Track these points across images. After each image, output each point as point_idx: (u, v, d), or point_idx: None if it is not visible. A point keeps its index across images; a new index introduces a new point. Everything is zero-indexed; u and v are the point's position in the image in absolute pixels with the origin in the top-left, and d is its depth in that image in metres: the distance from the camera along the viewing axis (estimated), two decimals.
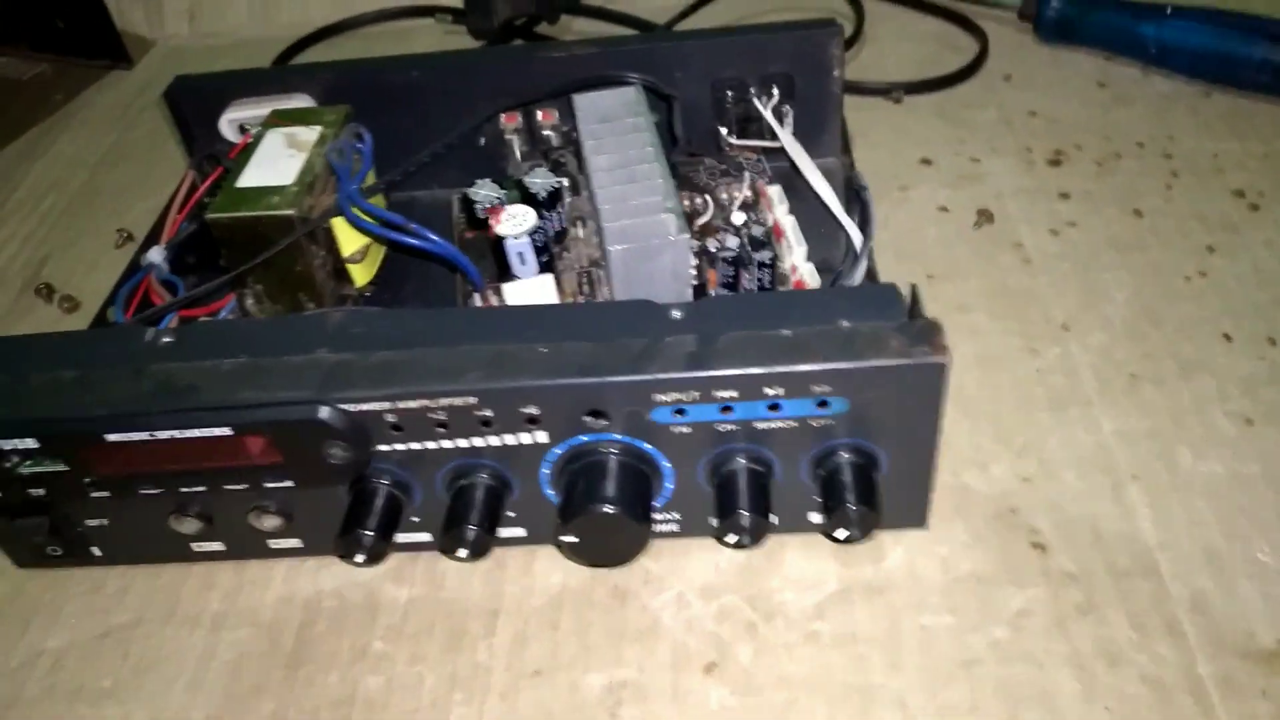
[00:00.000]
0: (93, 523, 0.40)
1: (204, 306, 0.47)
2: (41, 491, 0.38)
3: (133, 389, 0.36)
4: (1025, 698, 0.34)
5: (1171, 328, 0.46)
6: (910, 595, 0.37)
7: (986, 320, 0.47)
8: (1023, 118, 0.60)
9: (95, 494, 0.38)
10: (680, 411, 0.34)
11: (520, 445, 0.36)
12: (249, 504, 0.38)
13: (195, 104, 0.54)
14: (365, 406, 0.35)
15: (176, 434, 0.35)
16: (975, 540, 0.38)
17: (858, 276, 0.43)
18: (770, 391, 0.34)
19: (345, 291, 0.48)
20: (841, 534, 0.35)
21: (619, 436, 0.36)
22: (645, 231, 0.42)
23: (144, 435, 0.35)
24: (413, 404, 0.35)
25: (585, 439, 0.36)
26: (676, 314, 0.36)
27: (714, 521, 0.36)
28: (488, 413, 0.35)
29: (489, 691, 0.36)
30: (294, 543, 0.40)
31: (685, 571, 0.38)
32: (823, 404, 0.34)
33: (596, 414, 0.35)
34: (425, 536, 0.39)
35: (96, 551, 0.41)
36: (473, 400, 0.34)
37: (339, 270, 0.47)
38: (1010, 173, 0.56)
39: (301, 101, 0.53)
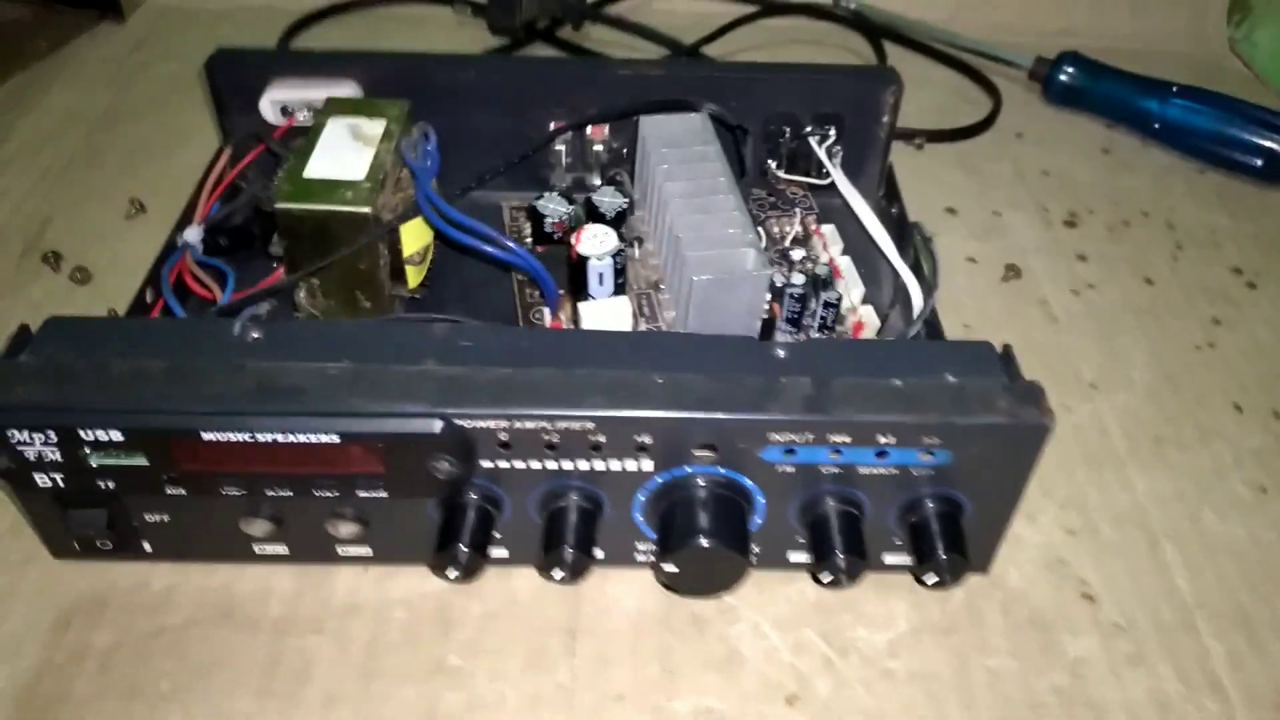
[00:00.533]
0: (152, 518, 0.38)
1: (248, 288, 0.46)
2: (110, 484, 0.36)
3: (232, 386, 0.35)
4: None
5: (1188, 394, 0.49)
6: (975, 637, 0.39)
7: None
8: (1036, 176, 0.63)
9: (171, 491, 0.36)
10: (790, 451, 0.35)
11: (623, 471, 0.36)
12: (329, 510, 0.38)
13: (233, 78, 0.52)
14: (481, 424, 0.35)
15: (279, 437, 0.34)
16: (1030, 587, 0.41)
17: (918, 324, 0.45)
18: (883, 439, 0.35)
19: (398, 291, 0.47)
20: (931, 579, 0.37)
21: (722, 470, 0.36)
22: (727, 264, 0.43)
23: (244, 436, 0.34)
24: (530, 424, 0.35)
25: (689, 470, 0.36)
26: (781, 353, 0.37)
27: (808, 558, 0.37)
28: (601, 438, 0.35)
29: (573, 713, 0.36)
30: (364, 550, 0.39)
31: (759, 603, 0.39)
32: (927, 454, 0.35)
33: (707, 447, 0.36)
34: (503, 552, 0.39)
35: (147, 547, 0.39)
36: (590, 425, 0.35)
37: (396, 270, 0.46)
38: (1030, 229, 0.59)
39: (347, 89, 0.51)
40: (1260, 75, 0.76)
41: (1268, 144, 0.61)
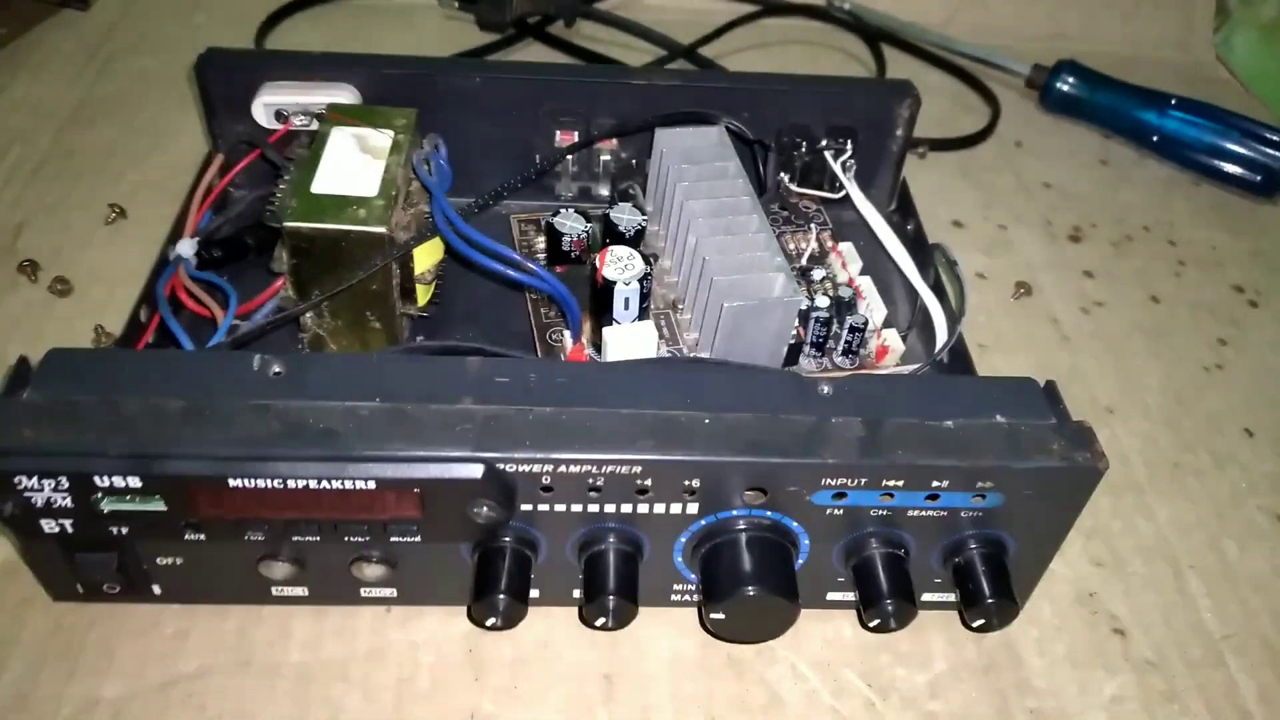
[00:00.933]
0: (165, 561, 0.36)
1: (245, 304, 0.44)
2: (123, 529, 0.34)
3: (258, 429, 0.33)
4: None
5: (1202, 419, 0.49)
6: (1013, 676, 0.38)
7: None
8: (1038, 188, 0.63)
9: (190, 537, 0.34)
10: (841, 495, 0.35)
11: (666, 514, 0.35)
12: (355, 553, 0.36)
13: (224, 80, 0.49)
14: (524, 468, 0.33)
15: (311, 484, 0.32)
16: (1063, 623, 0.40)
17: (944, 352, 0.45)
18: (937, 484, 0.34)
19: (408, 310, 0.45)
20: (979, 623, 0.36)
21: (768, 513, 0.35)
22: (756, 289, 0.42)
23: (273, 483, 0.32)
24: (575, 469, 0.33)
25: (735, 513, 0.35)
26: (826, 389, 0.36)
27: (847, 597, 0.36)
28: (648, 482, 0.34)
29: None
30: (389, 592, 0.38)
31: (796, 644, 0.38)
32: (979, 497, 0.35)
33: (756, 490, 0.35)
34: (534, 592, 0.38)
35: (157, 590, 0.37)
36: (638, 469, 0.33)
37: (407, 289, 0.45)
38: (1036, 244, 0.58)
39: (345, 93, 0.49)
40: (1241, 80, 0.77)
41: (1264, 160, 0.62)
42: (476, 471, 0.33)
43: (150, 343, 0.43)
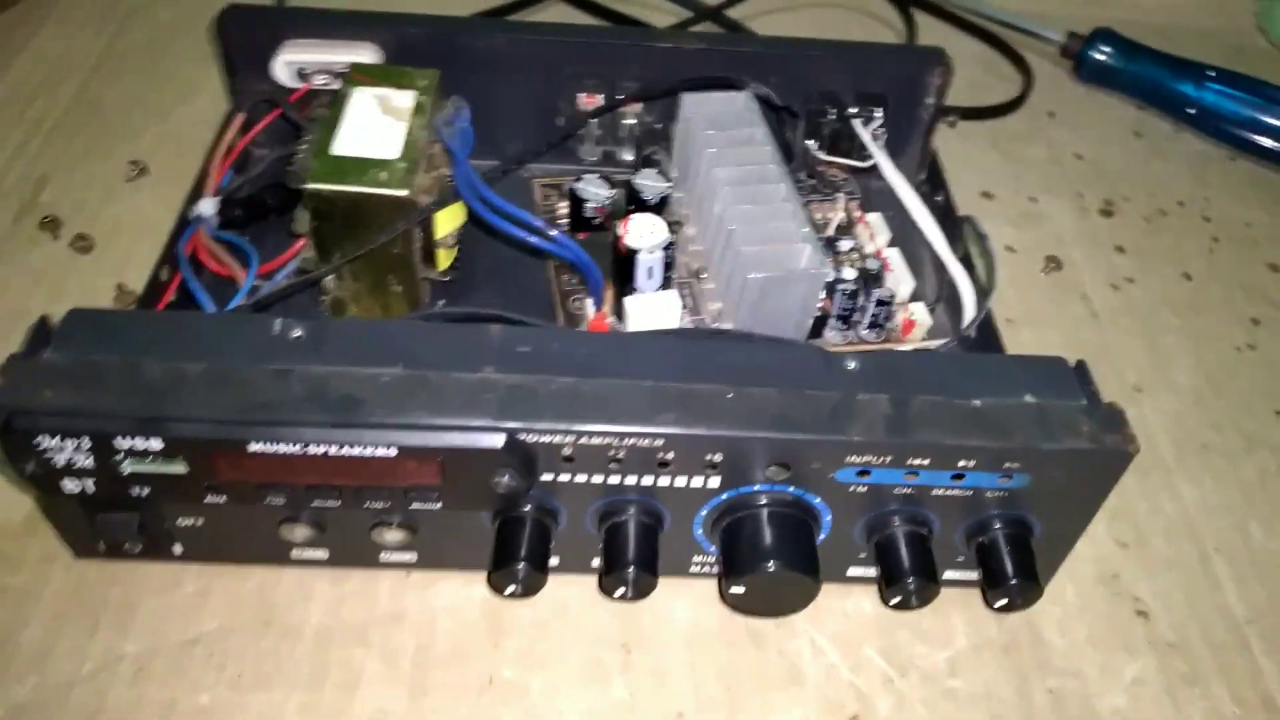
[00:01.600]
0: (186, 522, 0.36)
1: (265, 264, 0.44)
2: (145, 490, 0.34)
3: (280, 394, 0.33)
4: None
5: (1231, 399, 0.49)
6: (1034, 656, 0.38)
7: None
8: (1070, 160, 0.62)
9: (210, 499, 0.34)
10: (865, 473, 0.34)
11: (688, 488, 0.35)
12: (376, 518, 0.36)
13: (245, 37, 0.49)
14: (546, 439, 0.33)
15: (332, 450, 0.32)
16: (1085, 604, 0.40)
17: (972, 328, 0.44)
18: (964, 464, 0.34)
19: (428, 275, 0.45)
20: (1002, 604, 0.36)
21: (791, 489, 0.35)
22: (783, 260, 0.41)
23: (295, 448, 0.32)
24: (597, 440, 0.33)
25: (757, 489, 0.35)
26: (852, 365, 0.36)
27: (869, 573, 0.36)
28: (670, 455, 0.34)
29: None
30: (409, 556, 0.38)
31: (816, 618, 0.38)
32: (1005, 477, 0.34)
33: (780, 465, 0.34)
34: (553, 560, 0.38)
35: (178, 550, 0.37)
36: (660, 443, 0.33)
37: (428, 252, 0.44)
38: (1067, 218, 0.57)
39: (368, 52, 0.48)
40: None
41: None
42: (498, 441, 0.32)
43: (172, 302, 0.43)
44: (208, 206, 0.45)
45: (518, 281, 0.47)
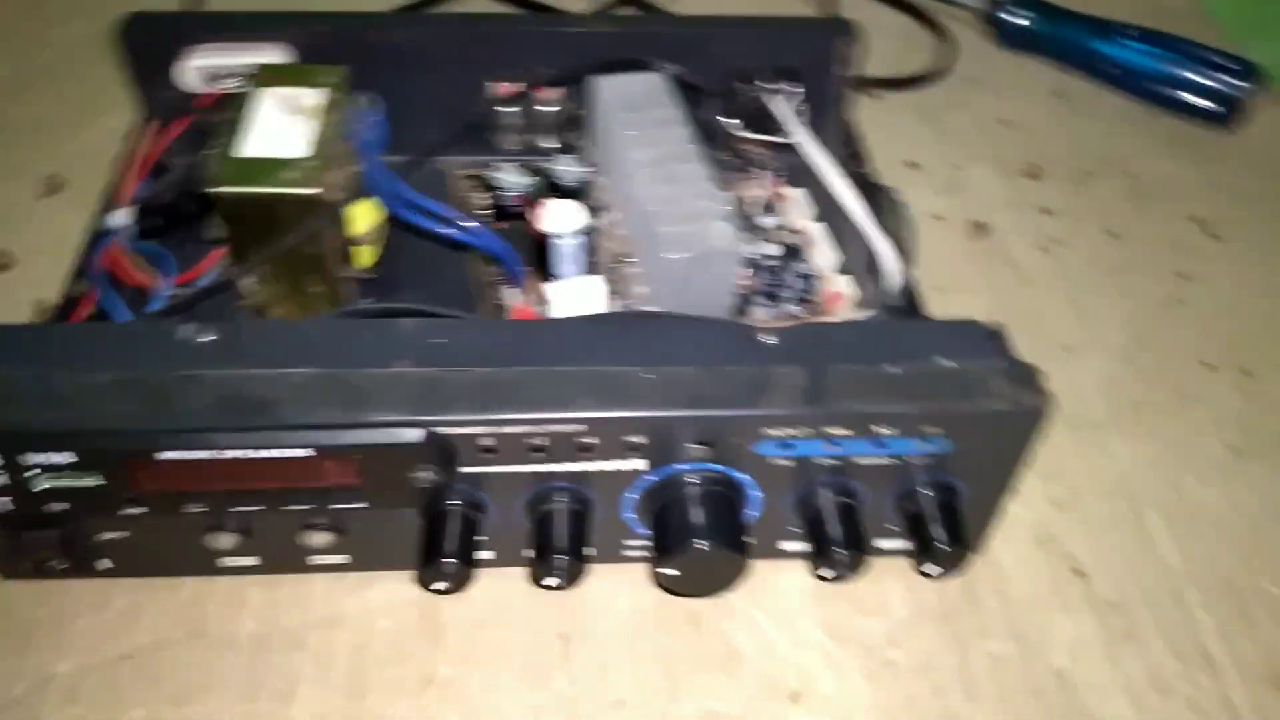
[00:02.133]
0: (110, 536, 0.36)
1: (187, 273, 0.43)
2: (64, 505, 0.34)
3: (192, 400, 0.32)
4: None
5: (1162, 354, 0.49)
6: (973, 622, 0.38)
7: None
8: (995, 126, 0.62)
9: (130, 511, 0.34)
10: (787, 445, 0.34)
11: (614, 471, 0.35)
12: (301, 521, 0.35)
13: (151, 44, 0.48)
14: (464, 430, 0.33)
15: (248, 454, 0.32)
16: (1022, 567, 0.40)
17: (896, 296, 0.44)
18: (882, 430, 0.34)
19: (350, 273, 0.44)
20: (934, 571, 0.36)
21: (716, 466, 0.35)
22: (701, 239, 0.41)
23: (210, 454, 0.32)
24: (516, 429, 0.33)
25: (682, 467, 0.35)
26: (770, 339, 0.36)
27: (804, 548, 0.36)
28: (592, 440, 0.33)
29: None
30: (340, 559, 0.37)
31: (754, 596, 0.38)
32: (926, 442, 0.35)
33: (701, 444, 0.34)
34: (488, 554, 0.37)
35: (106, 565, 0.37)
36: (580, 428, 0.33)
37: (347, 252, 0.44)
38: (992, 183, 0.58)
39: (278, 53, 0.48)
40: (1204, 6, 0.75)
41: (1219, 86, 0.61)
42: (415, 436, 0.32)
43: (91, 315, 0.42)
44: (121, 218, 0.45)
45: (443, 277, 0.47)
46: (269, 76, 0.44)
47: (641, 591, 0.38)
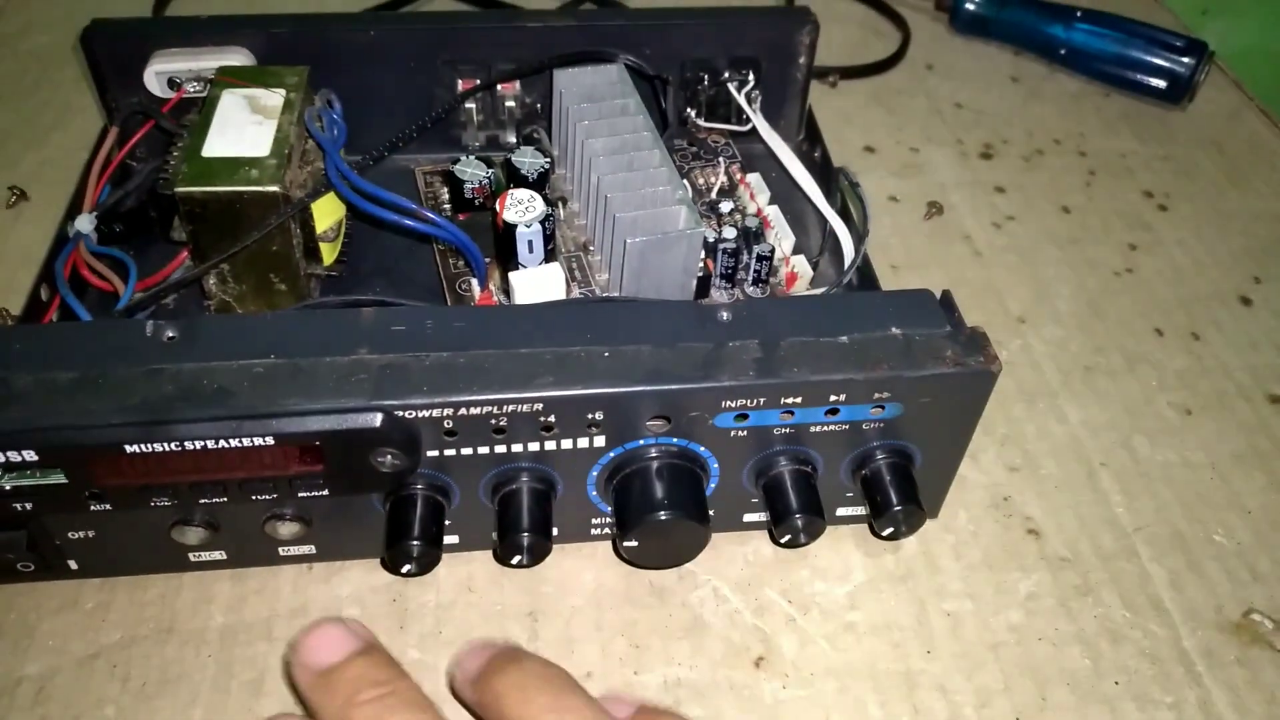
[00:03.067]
0: (76, 535, 0.36)
1: (151, 276, 0.43)
2: (28, 505, 0.34)
3: (152, 393, 0.33)
4: (1048, 677, 0.37)
5: (1112, 321, 0.50)
6: (931, 583, 0.39)
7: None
8: (950, 109, 0.63)
9: (95, 507, 0.34)
10: (743, 416, 0.35)
11: (575, 449, 0.35)
12: (267, 512, 0.36)
13: (113, 51, 0.48)
14: (424, 413, 0.33)
15: (209, 444, 0.32)
16: (978, 528, 0.41)
17: (851, 273, 0.45)
18: (834, 398, 0.35)
19: (314, 270, 0.45)
20: (889, 532, 0.37)
21: (675, 440, 0.36)
22: (659, 224, 0.42)
23: (171, 446, 0.32)
24: (476, 410, 0.33)
25: (642, 443, 0.36)
26: (725, 315, 0.36)
27: (764, 518, 0.37)
28: (551, 419, 0.34)
29: None
30: (307, 549, 0.38)
31: (717, 567, 0.39)
32: (878, 408, 0.35)
33: (660, 418, 0.35)
34: (453, 539, 0.38)
35: (73, 565, 0.37)
36: (540, 407, 0.34)
37: (310, 248, 0.44)
38: (948, 164, 0.59)
39: (239, 56, 0.48)
40: None
41: (1169, 65, 0.62)
42: (375, 420, 0.33)
43: (54, 320, 0.42)
44: (85, 223, 0.45)
45: (407, 271, 0.47)
46: (229, 78, 0.45)
47: (608, 568, 0.39)
